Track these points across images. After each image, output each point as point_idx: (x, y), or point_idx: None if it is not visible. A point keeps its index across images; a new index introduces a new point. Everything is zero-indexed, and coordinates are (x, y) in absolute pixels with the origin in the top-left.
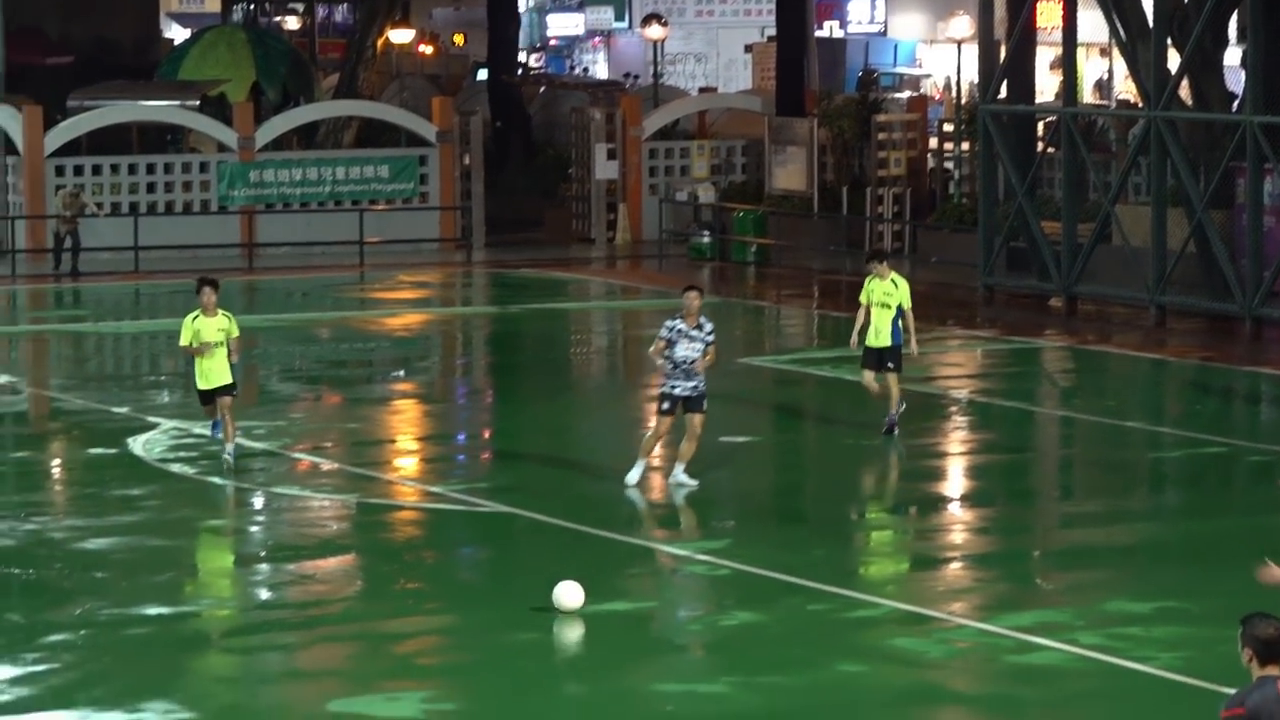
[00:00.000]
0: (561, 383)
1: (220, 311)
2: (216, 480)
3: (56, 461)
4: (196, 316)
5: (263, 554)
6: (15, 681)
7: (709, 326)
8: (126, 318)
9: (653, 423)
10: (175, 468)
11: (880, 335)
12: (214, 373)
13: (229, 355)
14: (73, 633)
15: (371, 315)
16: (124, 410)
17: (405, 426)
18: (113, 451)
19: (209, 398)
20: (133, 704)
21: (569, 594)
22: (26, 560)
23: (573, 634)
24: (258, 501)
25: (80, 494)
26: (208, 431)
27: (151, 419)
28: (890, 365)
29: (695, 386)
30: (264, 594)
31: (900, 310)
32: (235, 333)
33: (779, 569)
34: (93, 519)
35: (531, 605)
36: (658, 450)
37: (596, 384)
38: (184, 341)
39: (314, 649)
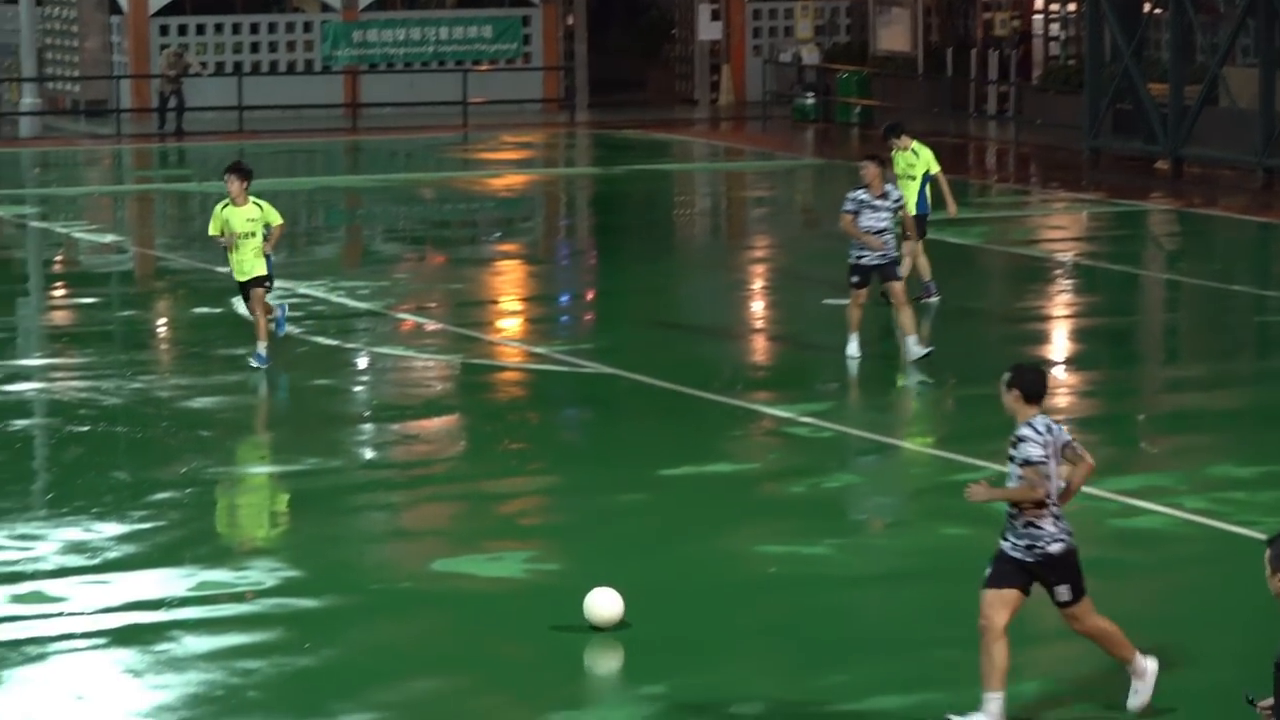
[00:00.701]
0: (664, 244)
1: (252, 200)
2: (320, 340)
3: (162, 320)
4: (225, 205)
5: (367, 414)
6: (122, 539)
7: (896, 194)
8: None
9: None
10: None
11: (908, 206)
12: (245, 263)
13: (265, 246)
14: (179, 491)
15: (475, 176)
16: (228, 270)
17: (508, 287)
18: (217, 311)
19: (244, 289)
20: (238, 562)
21: (603, 603)
22: (133, 419)
23: (675, 496)
24: (361, 361)
25: (185, 353)
26: (254, 362)
27: None
28: (907, 234)
29: (884, 254)
30: (369, 453)
31: (929, 177)
32: (275, 220)
33: (882, 431)
34: (198, 378)
35: (634, 466)
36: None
37: (700, 246)
38: (212, 231)
39: (418, 508)
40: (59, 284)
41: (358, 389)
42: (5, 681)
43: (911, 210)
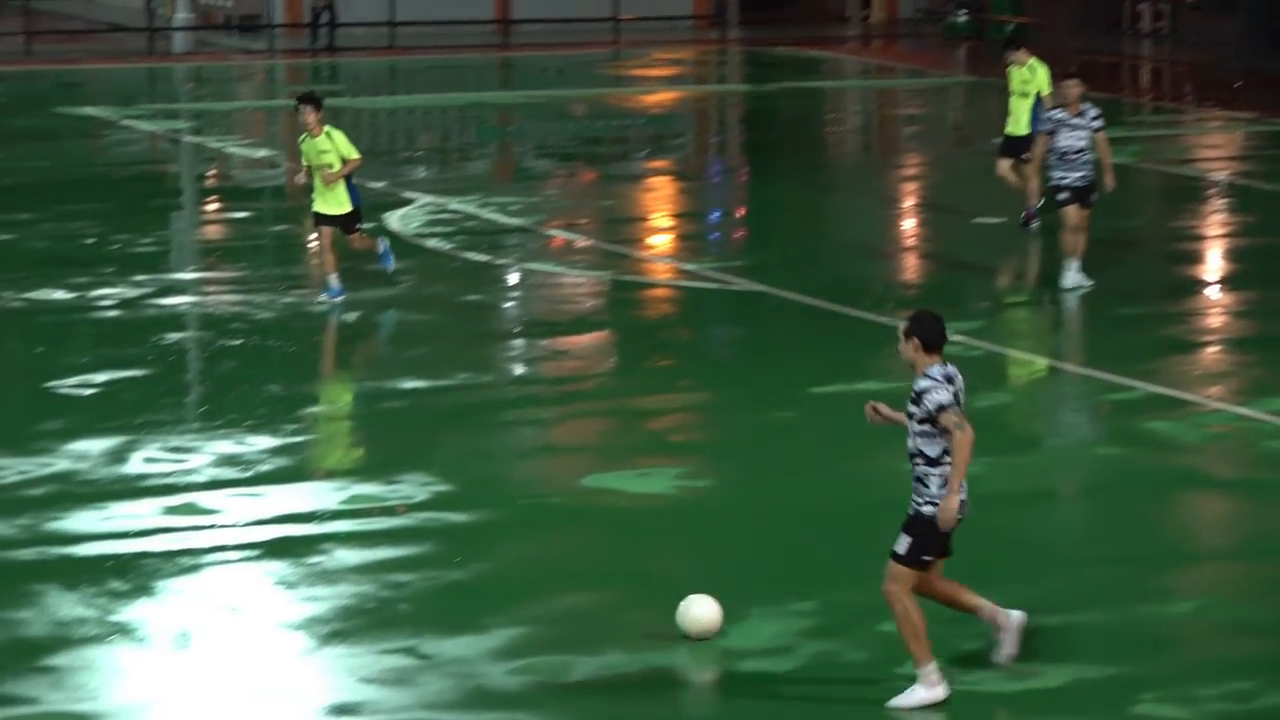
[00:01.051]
0: (815, 162)
1: (326, 130)
2: (471, 255)
3: (313, 236)
4: (304, 138)
5: (517, 330)
6: (275, 452)
7: (1093, 113)
8: (383, 93)
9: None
10: (431, 243)
11: (1019, 124)
12: (325, 196)
13: (327, 175)
14: (330, 405)
15: (625, 93)
16: (381, 185)
17: (659, 204)
18: (369, 226)
19: (320, 219)
20: (389, 475)
21: (701, 611)
22: (285, 333)
23: (825, 414)
24: (512, 278)
25: (337, 268)
26: (324, 296)
27: (408, 194)
28: (1025, 156)
29: (1082, 176)
30: (519, 369)
31: (1039, 98)
32: (350, 154)
33: (1033, 351)
34: (350, 293)
35: (784, 384)
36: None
37: (850, 163)
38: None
39: (568, 424)
40: (212, 198)
41: (508, 305)
42: (159, 593)
43: (1024, 130)
